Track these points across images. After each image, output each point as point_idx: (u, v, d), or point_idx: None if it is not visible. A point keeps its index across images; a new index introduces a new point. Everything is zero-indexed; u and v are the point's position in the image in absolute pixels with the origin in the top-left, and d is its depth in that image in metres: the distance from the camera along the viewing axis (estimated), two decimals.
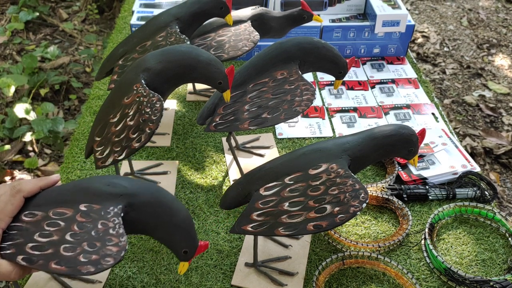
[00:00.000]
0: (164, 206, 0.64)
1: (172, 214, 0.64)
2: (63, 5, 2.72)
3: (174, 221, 0.63)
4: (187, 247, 0.65)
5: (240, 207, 0.82)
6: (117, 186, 0.64)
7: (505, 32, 2.55)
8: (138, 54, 0.94)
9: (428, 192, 0.91)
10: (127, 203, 0.63)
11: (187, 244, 0.65)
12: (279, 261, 0.81)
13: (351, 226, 0.88)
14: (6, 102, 2.01)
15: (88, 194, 0.64)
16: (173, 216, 0.63)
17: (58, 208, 0.64)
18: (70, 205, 0.64)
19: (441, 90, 2.17)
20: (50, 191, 0.67)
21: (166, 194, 0.65)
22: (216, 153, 1.02)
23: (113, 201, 0.63)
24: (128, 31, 1.40)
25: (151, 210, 0.63)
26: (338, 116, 1.11)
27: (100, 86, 1.21)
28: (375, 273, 0.79)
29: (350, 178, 0.70)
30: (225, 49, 0.99)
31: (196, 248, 0.65)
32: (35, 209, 0.65)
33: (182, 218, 0.64)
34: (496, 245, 0.85)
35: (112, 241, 0.61)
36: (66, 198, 0.64)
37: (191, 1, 0.97)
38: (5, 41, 2.37)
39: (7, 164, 1.77)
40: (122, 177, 0.67)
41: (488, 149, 1.85)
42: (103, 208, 0.63)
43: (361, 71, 1.26)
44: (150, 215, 0.64)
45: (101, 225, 0.62)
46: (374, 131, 0.75)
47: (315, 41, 0.87)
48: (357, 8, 1.31)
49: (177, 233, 0.64)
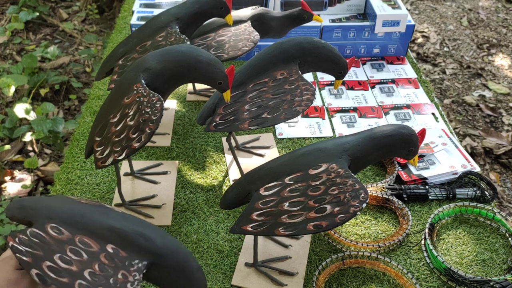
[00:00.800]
0: (186, 277, 0.62)
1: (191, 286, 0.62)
2: (63, 5, 2.72)
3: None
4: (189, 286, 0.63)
5: (240, 207, 0.82)
6: (149, 241, 0.61)
7: (505, 32, 2.55)
8: (138, 54, 0.94)
9: (428, 192, 0.91)
10: (152, 262, 0.61)
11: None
12: (279, 261, 0.80)
13: (351, 226, 0.88)
14: (6, 102, 2.01)
15: (119, 236, 0.61)
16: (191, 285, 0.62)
17: (86, 238, 0.60)
18: (98, 240, 0.61)
19: (441, 90, 2.17)
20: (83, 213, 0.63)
21: (192, 263, 0.62)
22: (216, 153, 1.02)
23: (140, 254, 0.60)
24: (128, 31, 1.40)
25: (172, 276, 0.61)
26: (338, 116, 1.11)
27: (100, 86, 1.21)
28: (375, 273, 0.79)
29: (350, 178, 0.70)
30: (225, 49, 0.99)
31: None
32: (63, 226, 0.61)
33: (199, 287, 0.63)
34: (496, 245, 0.85)
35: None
36: (96, 230, 0.61)
37: (191, 1, 0.97)
38: (5, 41, 2.37)
39: (7, 164, 1.77)
40: (157, 230, 0.64)
41: (488, 149, 1.85)
42: (129, 258, 0.60)
43: (361, 71, 1.26)
44: (170, 280, 0.62)
45: (121, 275, 0.59)
46: (374, 131, 0.75)
47: (315, 41, 0.87)
48: (357, 8, 1.31)
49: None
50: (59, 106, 2.03)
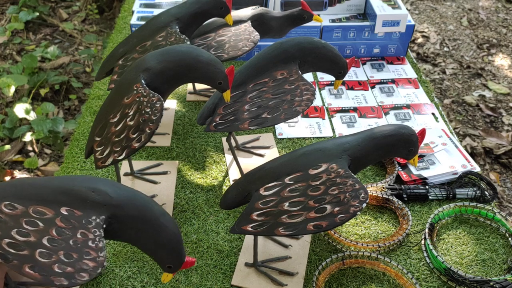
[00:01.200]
0: (149, 223, 0.60)
1: (158, 232, 0.60)
2: (63, 5, 2.72)
3: (160, 239, 0.61)
4: (172, 263, 0.63)
5: (240, 207, 0.82)
6: (102, 194, 0.61)
7: (505, 32, 2.55)
8: (138, 54, 0.94)
9: (428, 192, 0.91)
10: (111, 214, 0.60)
11: (172, 261, 0.62)
12: (279, 261, 0.80)
13: (351, 226, 0.88)
14: (6, 102, 2.01)
15: (71, 196, 0.61)
16: (159, 234, 0.60)
17: (39, 206, 0.60)
18: (51, 206, 0.60)
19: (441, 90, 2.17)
20: (32, 183, 0.63)
21: (154, 208, 0.61)
22: (216, 153, 1.02)
23: (96, 210, 0.60)
24: (128, 31, 1.40)
25: (135, 225, 0.60)
26: (338, 116, 1.11)
27: (100, 86, 1.21)
28: (375, 273, 0.79)
29: (350, 178, 0.70)
30: (225, 49, 0.99)
31: (181, 264, 0.63)
32: (16, 201, 0.60)
33: (168, 237, 0.61)
34: (496, 245, 0.85)
35: (90, 255, 0.58)
36: (47, 196, 0.61)
37: (191, 1, 0.97)
38: (5, 41, 2.37)
39: (7, 164, 1.77)
40: (109, 182, 0.63)
41: (488, 149, 1.85)
42: (85, 216, 0.59)
43: (361, 71, 1.26)
44: (134, 230, 0.60)
45: (81, 234, 0.58)
46: (374, 131, 0.75)
47: (315, 41, 0.87)
48: (357, 8, 1.31)
49: (162, 251, 0.61)
50: (59, 106, 2.03)
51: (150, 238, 0.61)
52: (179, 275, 0.79)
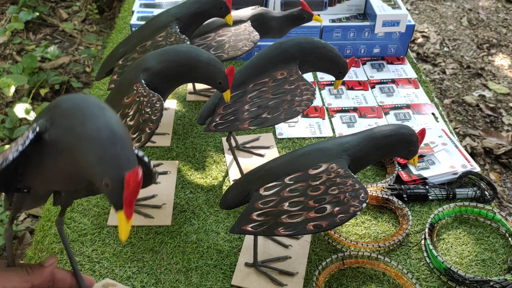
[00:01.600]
0: (79, 113, 0.47)
1: (85, 122, 0.46)
2: (63, 5, 2.72)
3: (86, 130, 0.46)
4: (105, 173, 0.45)
5: (240, 207, 0.82)
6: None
7: (505, 32, 2.55)
8: (138, 54, 0.94)
9: (428, 192, 0.91)
10: (47, 118, 0.49)
11: (104, 168, 0.45)
12: (279, 261, 0.80)
13: (351, 226, 0.88)
14: (6, 102, 2.01)
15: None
16: (86, 123, 0.46)
17: None
18: None
19: (441, 90, 2.17)
20: None
21: (93, 100, 0.49)
22: (216, 153, 1.02)
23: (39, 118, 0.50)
24: (128, 31, 1.40)
25: (66, 121, 0.47)
26: (338, 116, 1.11)
27: (100, 86, 1.21)
28: (375, 273, 0.79)
29: (350, 178, 0.70)
30: (225, 49, 0.99)
31: (120, 176, 0.45)
32: None
33: (98, 126, 0.46)
34: (496, 245, 0.84)
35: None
36: None
37: (191, 1, 0.97)
38: (5, 41, 2.37)
39: None
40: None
41: (488, 149, 1.85)
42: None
43: (361, 71, 1.26)
44: (64, 128, 0.47)
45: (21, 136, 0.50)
46: (374, 131, 0.75)
47: (315, 41, 0.87)
48: (357, 8, 1.31)
49: (89, 150, 0.45)
50: None
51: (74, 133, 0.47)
52: (179, 275, 0.79)
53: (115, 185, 0.45)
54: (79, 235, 0.85)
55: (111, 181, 0.45)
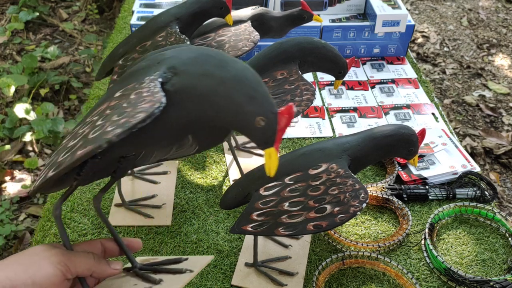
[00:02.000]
0: (213, 59, 0.46)
1: (225, 66, 0.46)
2: (63, 5, 2.72)
3: (228, 73, 0.46)
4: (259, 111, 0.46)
5: (240, 207, 0.82)
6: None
7: (505, 32, 2.55)
8: (138, 54, 0.94)
9: (428, 192, 0.91)
10: (167, 68, 0.48)
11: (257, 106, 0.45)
12: (279, 261, 0.80)
13: (351, 226, 0.88)
14: (6, 102, 2.01)
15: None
16: (226, 67, 0.46)
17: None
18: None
19: (441, 90, 2.17)
20: None
21: (214, 49, 0.49)
22: (216, 153, 1.02)
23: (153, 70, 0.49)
24: (128, 31, 1.40)
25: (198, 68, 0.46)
26: (338, 116, 1.11)
27: (100, 86, 1.21)
28: (375, 273, 0.79)
29: (350, 178, 0.70)
30: (225, 49, 0.99)
31: (274, 113, 0.46)
32: None
33: (241, 68, 0.46)
34: (496, 245, 0.85)
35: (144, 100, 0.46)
36: None
37: (191, 1, 0.97)
38: (5, 41, 2.37)
39: (7, 164, 1.77)
40: None
41: (488, 149, 1.85)
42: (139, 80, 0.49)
43: (361, 71, 1.26)
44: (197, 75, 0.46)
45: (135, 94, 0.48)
46: (374, 131, 0.75)
47: (315, 41, 0.87)
48: (357, 8, 1.31)
49: (237, 91, 0.45)
50: (59, 106, 2.03)
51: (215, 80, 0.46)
52: None
53: (270, 121, 0.47)
54: (79, 235, 0.85)
55: (266, 118, 0.46)
